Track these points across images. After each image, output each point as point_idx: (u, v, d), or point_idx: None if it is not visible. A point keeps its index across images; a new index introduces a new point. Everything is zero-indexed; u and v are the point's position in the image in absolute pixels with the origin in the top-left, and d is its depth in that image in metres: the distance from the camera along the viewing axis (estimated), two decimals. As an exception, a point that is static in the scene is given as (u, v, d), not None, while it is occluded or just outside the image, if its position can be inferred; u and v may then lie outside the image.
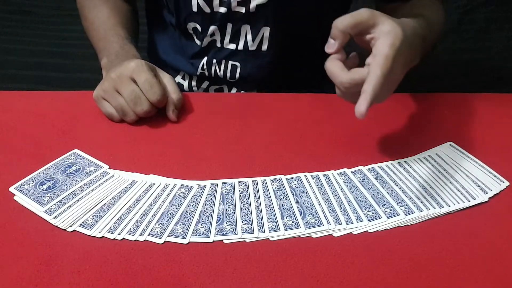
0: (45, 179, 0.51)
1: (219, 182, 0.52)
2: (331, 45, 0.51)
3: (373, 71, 0.46)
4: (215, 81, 0.76)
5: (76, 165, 0.53)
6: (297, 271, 0.43)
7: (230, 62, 0.73)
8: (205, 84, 0.77)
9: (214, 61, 0.74)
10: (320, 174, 0.54)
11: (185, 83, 0.78)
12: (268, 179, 0.53)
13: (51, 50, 1.66)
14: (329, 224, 0.47)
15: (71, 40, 1.70)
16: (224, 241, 0.45)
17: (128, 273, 0.42)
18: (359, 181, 0.53)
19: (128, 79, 0.58)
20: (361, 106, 0.45)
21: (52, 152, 0.55)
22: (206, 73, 0.75)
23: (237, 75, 0.74)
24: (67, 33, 1.75)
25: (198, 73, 0.75)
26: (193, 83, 0.78)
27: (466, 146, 0.58)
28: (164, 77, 0.62)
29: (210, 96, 0.69)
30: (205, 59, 0.74)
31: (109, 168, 0.53)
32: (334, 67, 0.50)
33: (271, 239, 0.46)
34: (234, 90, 0.76)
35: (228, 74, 0.74)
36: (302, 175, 0.53)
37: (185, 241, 0.45)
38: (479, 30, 1.76)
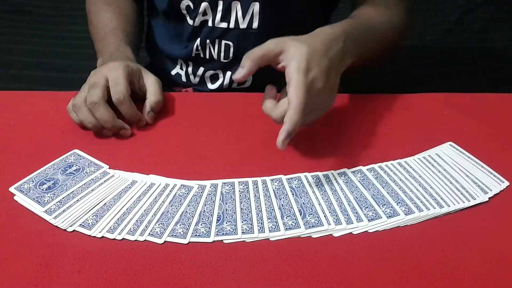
0: (45, 179, 0.51)
1: (219, 182, 0.52)
2: (238, 73, 0.52)
3: (290, 101, 0.49)
4: (210, 64, 0.78)
5: (76, 165, 0.53)
6: (297, 271, 0.43)
7: (223, 42, 0.75)
8: (201, 71, 0.79)
9: (208, 41, 0.76)
10: (320, 174, 0.54)
11: (183, 73, 0.80)
12: (268, 179, 0.53)
13: (51, 50, 1.66)
14: (329, 224, 0.47)
15: (71, 40, 1.71)
16: (224, 241, 0.45)
17: (128, 273, 0.42)
18: (359, 181, 0.53)
19: (95, 84, 0.56)
20: (279, 137, 0.48)
21: (52, 152, 0.55)
22: (201, 54, 0.77)
23: (231, 54, 0.76)
24: (67, 33, 1.75)
25: (193, 55, 0.77)
26: (189, 70, 0.80)
27: (466, 146, 0.58)
28: (149, 79, 0.63)
29: (210, 96, 0.69)
30: (198, 40, 0.76)
31: (109, 168, 0.53)
32: (267, 109, 0.53)
33: (271, 239, 0.46)
34: (228, 74, 0.78)
35: (222, 54, 0.76)
36: (302, 175, 0.53)
37: (185, 241, 0.45)
38: (479, 30, 1.76)
